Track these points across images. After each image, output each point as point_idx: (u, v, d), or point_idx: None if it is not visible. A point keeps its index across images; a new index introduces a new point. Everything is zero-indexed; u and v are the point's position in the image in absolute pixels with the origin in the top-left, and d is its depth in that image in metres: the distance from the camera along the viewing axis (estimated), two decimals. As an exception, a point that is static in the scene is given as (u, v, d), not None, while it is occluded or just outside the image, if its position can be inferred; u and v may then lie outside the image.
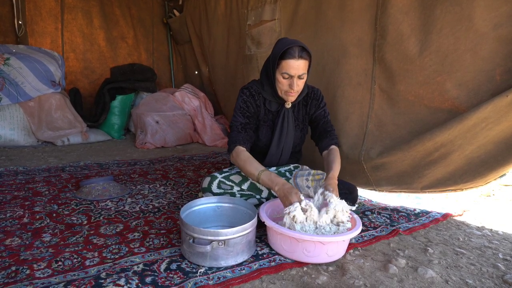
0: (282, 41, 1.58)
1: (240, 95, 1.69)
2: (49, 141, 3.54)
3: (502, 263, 1.37)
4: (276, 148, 1.74)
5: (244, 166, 1.54)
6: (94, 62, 4.68)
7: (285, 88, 1.58)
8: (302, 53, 1.50)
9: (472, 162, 1.68)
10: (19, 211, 1.75)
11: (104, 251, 1.37)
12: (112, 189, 2.06)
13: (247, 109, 1.66)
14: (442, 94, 1.71)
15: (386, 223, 1.74)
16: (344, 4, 2.13)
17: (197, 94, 4.20)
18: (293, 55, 1.49)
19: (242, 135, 1.62)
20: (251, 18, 3.12)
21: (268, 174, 1.48)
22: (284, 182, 1.44)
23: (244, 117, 1.65)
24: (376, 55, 1.97)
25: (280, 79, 1.56)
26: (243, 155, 1.56)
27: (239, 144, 1.59)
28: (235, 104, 1.69)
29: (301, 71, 1.53)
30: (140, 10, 4.96)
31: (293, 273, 1.26)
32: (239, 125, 1.64)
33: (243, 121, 1.65)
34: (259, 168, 1.51)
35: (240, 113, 1.66)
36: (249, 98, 1.67)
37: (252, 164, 1.53)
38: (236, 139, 1.61)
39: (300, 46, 1.51)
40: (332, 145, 1.72)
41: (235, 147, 1.59)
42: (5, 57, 3.37)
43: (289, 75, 1.53)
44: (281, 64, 1.53)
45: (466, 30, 1.57)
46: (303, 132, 1.82)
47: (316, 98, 1.77)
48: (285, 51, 1.50)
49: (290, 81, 1.55)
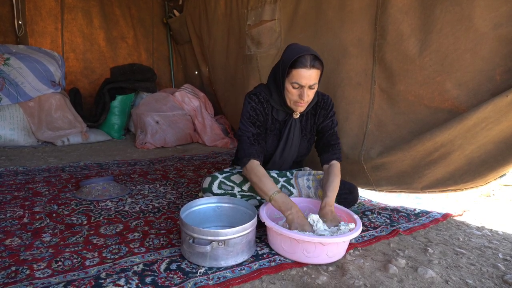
0: (293, 48, 1.49)
1: (248, 101, 1.59)
2: (49, 141, 3.54)
3: (502, 263, 1.37)
4: (279, 158, 1.70)
5: (258, 183, 1.46)
6: (94, 62, 4.68)
7: (294, 98, 1.50)
8: (314, 62, 1.43)
9: (472, 162, 1.68)
10: (19, 211, 1.75)
11: (104, 251, 1.37)
12: (112, 189, 2.06)
13: (256, 117, 1.57)
14: (442, 94, 1.70)
15: (386, 223, 1.74)
16: (344, 4, 2.13)
17: (197, 94, 4.20)
18: (305, 64, 1.41)
19: (255, 147, 1.53)
20: (251, 18, 3.11)
21: (283, 197, 1.42)
22: (298, 210, 1.40)
23: (255, 126, 1.57)
24: (376, 55, 1.96)
25: (289, 88, 1.48)
26: (258, 171, 1.49)
27: (253, 157, 1.51)
28: (243, 111, 1.60)
29: (312, 81, 1.45)
30: (140, 10, 4.96)
31: (293, 273, 1.26)
32: (251, 136, 1.55)
33: (255, 131, 1.56)
34: (273, 188, 1.44)
35: (250, 122, 1.57)
36: (258, 105, 1.58)
37: (267, 182, 1.46)
38: (249, 152, 1.52)
39: (313, 54, 1.43)
40: (333, 160, 1.66)
41: (249, 160, 1.51)
42: (5, 57, 3.37)
43: (300, 85, 1.45)
44: (292, 73, 1.45)
45: (466, 30, 1.57)
46: (310, 142, 1.75)
47: (325, 108, 1.69)
48: (296, 60, 1.42)
49: (300, 91, 1.47)
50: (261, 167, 1.51)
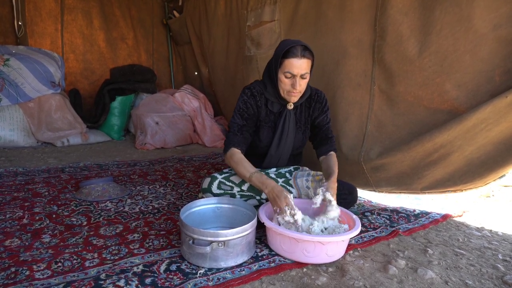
0: (284, 41, 1.59)
1: (241, 95, 1.68)
2: (49, 142, 3.54)
3: (501, 264, 1.37)
4: (275, 150, 1.74)
5: (236, 167, 1.56)
6: (94, 63, 4.68)
7: (287, 87, 1.57)
8: (304, 52, 1.51)
9: (472, 163, 1.68)
10: (19, 212, 1.75)
11: (104, 252, 1.37)
12: (111, 190, 2.06)
13: (246, 110, 1.66)
14: (441, 95, 1.71)
15: (385, 224, 1.74)
16: (344, 5, 2.13)
17: (196, 95, 4.21)
18: (296, 54, 1.50)
19: (238, 137, 1.63)
20: (251, 19, 3.12)
21: (259, 176, 1.49)
22: (275, 185, 1.45)
23: (242, 118, 1.65)
24: (376, 56, 1.97)
25: (282, 78, 1.56)
26: (236, 157, 1.58)
27: (233, 146, 1.61)
28: (236, 104, 1.69)
29: (303, 70, 1.52)
30: (140, 11, 4.97)
31: (293, 274, 1.26)
32: (236, 127, 1.64)
33: (241, 123, 1.65)
34: (250, 170, 1.53)
35: (239, 114, 1.66)
36: (250, 98, 1.67)
37: (244, 166, 1.55)
38: (231, 141, 1.62)
39: (303, 45, 1.51)
40: (331, 151, 1.75)
41: (230, 148, 1.61)
42: (5, 58, 3.37)
43: (292, 74, 1.53)
44: (284, 63, 1.53)
45: (466, 31, 1.57)
46: (304, 134, 1.81)
47: (320, 102, 1.77)
48: (288, 50, 1.50)
49: (293, 81, 1.54)
50: (240, 154, 1.60)
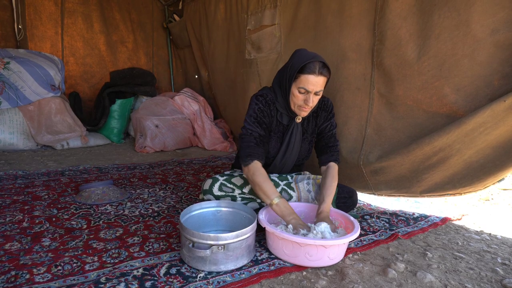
0: (301, 54, 1.51)
1: (255, 102, 1.59)
2: (49, 145, 3.54)
3: (500, 268, 1.37)
4: (280, 161, 1.72)
5: (260, 185, 1.46)
6: (94, 66, 4.69)
7: (299, 102, 1.52)
8: (322, 70, 1.45)
9: (471, 167, 1.69)
10: (19, 216, 1.75)
11: (104, 255, 1.37)
12: (111, 193, 2.06)
13: (263, 119, 1.58)
14: (440, 99, 1.72)
15: (385, 227, 1.74)
16: (343, 9, 2.14)
17: (196, 98, 4.22)
18: (314, 70, 1.44)
19: (260, 149, 1.53)
20: (251, 23, 3.13)
21: (284, 203, 1.44)
22: (299, 218, 1.43)
23: (261, 128, 1.56)
24: (375, 60, 1.98)
25: (295, 93, 1.50)
26: (261, 174, 1.48)
27: (257, 159, 1.50)
28: (249, 111, 1.60)
29: (319, 88, 1.48)
30: (140, 15, 4.99)
31: (293, 278, 1.26)
32: (258, 137, 1.54)
33: (261, 133, 1.56)
34: (275, 193, 1.45)
35: (257, 123, 1.56)
36: (265, 107, 1.59)
37: (269, 186, 1.46)
38: (254, 153, 1.51)
39: (322, 62, 1.45)
40: (331, 161, 1.69)
41: (253, 161, 1.49)
42: (5, 61, 3.38)
43: (306, 90, 1.47)
44: (300, 78, 1.47)
45: (464, 36, 1.59)
46: (311, 144, 1.77)
47: (326, 109, 1.73)
48: (306, 65, 1.44)
49: (306, 97, 1.49)
50: (264, 170, 1.51)
